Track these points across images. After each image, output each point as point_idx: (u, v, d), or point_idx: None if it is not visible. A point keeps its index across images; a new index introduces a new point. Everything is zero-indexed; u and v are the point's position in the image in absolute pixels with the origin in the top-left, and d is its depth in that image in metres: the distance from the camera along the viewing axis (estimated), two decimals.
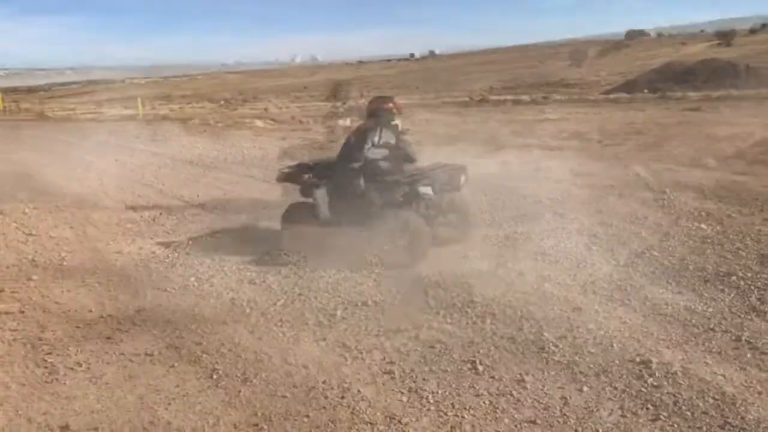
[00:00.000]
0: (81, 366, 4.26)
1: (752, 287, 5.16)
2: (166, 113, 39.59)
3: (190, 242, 7.36)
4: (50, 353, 4.46)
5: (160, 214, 8.93)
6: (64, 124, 31.83)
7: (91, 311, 5.28)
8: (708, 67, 48.03)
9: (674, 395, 3.60)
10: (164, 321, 4.99)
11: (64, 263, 6.69)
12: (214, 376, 4.07)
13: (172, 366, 4.23)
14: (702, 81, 45.19)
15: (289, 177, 7.00)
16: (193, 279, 6.03)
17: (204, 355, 4.37)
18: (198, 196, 10.16)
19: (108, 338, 4.70)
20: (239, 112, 40.21)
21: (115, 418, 3.63)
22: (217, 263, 6.48)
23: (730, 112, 22.32)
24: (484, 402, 3.65)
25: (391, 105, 6.76)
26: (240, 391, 3.86)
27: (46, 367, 4.25)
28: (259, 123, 25.66)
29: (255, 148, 16.66)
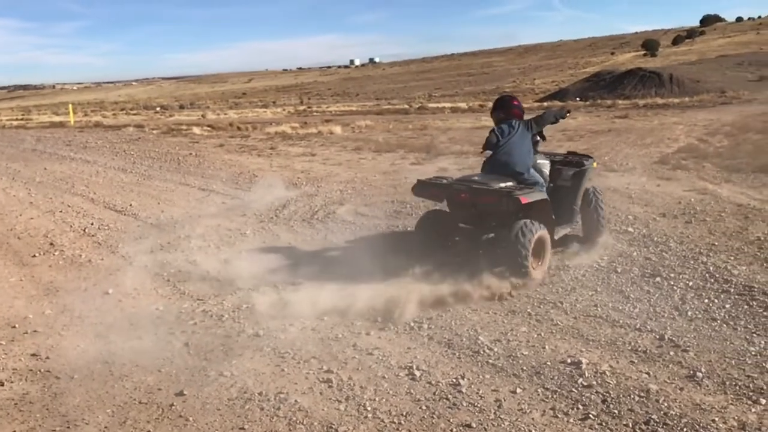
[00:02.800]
0: None
1: (675, 287, 5.40)
2: (99, 120, 38.43)
3: (118, 253, 7.16)
4: None
5: (91, 224, 8.65)
6: None
7: (14, 327, 5.06)
8: (635, 76, 50.24)
9: (603, 394, 3.72)
10: (95, 335, 4.83)
11: None
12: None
13: (106, 382, 4.09)
14: (630, 89, 47.20)
15: (493, 192, 5.69)
16: (111, 290, 5.88)
17: (136, 368, 4.25)
18: (131, 205, 9.89)
19: (33, 355, 4.53)
20: (176, 119, 39.44)
21: None
22: (144, 273, 6.33)
23: (657, 119, 23.35)
24: (421, 408, 3.68)
25: (516, 102, 6.48)
26: (172, 405, 3.77)
27: None
28: (196, 130, 25.25)
29: (191, 155, 16.35)
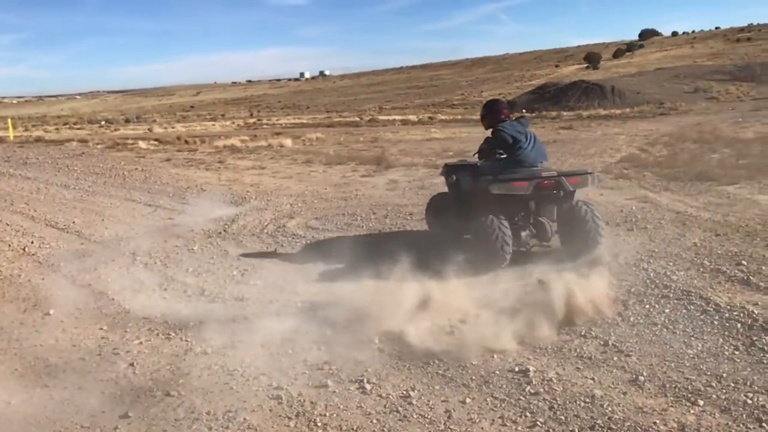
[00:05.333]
0: None
1: (618, 293, 5.54)
2: (40, 135, 37.20)
3: (60, 272, 6.94)
4: None
5: (32, 242, 8.36)
6: None
7: None
8: (578, 88, 51.77)
9: (550, 401, 3.79)
10: (34, 357, 4.66)
11: None
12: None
13: (46, 407, 3.95)
14: (574, 101, 48.60)
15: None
16: (53, 311, 5.69)
17: (78, 391, 4.11)
18: (74, 222, 9.60)
19: None
20: (121, 133, 38.55)
21: None
22: (87, 292, 6.16)
23: (600, 129, 24.05)
24: (372, 421, 3.67)
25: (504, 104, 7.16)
26: (117, 428, 3.66)
27: None
28: (142, 144, 24.76)
29: (137, 170, 16.00)
